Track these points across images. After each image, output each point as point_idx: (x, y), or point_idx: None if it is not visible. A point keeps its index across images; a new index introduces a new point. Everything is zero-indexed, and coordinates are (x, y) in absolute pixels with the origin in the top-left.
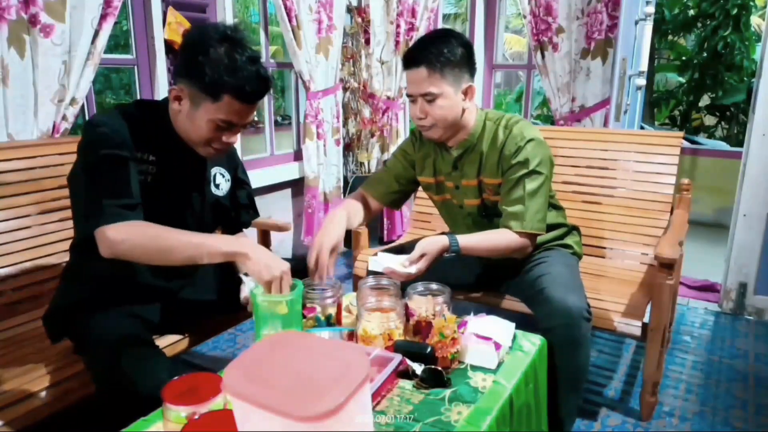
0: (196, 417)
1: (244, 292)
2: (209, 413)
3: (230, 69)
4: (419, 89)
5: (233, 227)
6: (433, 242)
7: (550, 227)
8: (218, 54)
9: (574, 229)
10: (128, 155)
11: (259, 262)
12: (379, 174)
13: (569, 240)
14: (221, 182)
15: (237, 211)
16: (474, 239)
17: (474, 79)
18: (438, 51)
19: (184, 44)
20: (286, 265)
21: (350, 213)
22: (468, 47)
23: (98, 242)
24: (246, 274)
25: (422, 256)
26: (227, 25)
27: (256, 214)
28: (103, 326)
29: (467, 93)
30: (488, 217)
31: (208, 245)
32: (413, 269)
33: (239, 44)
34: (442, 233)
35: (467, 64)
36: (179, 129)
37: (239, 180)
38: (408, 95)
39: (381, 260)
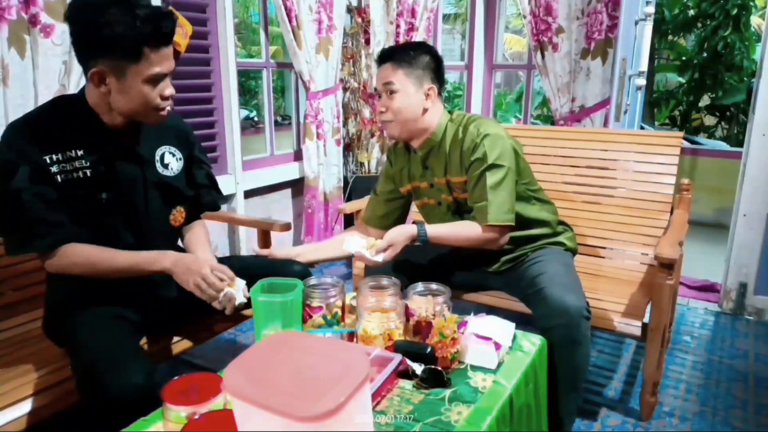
0: (197, 417)
1: (238, 299)
2: (209, 413)
3: (134, 23)
4: (382, 80)
5: (196, 209)
6: (401, 232)
7: (538, 222)
8: (116, 16)
9: (564, 224)
10: (28, 176)
11: (181, 273)
12: (370, 203)
13: (562, 237)
14: (170, 161)
15: (197, 191)
16: (442, 229)
17: (441, 87)
18: (405, 52)
19: (75, 24)
20: (204, 265)
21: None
22: (437, 59)
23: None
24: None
25: (390, 246)
26: None
27: (219, 194)
28: (84, 328)
29: (429, 94)
30: (462, 213)
31: (135, 270)
32: (380, 258)
33: None
34: (414, 222)
35: (433, 70)
36: (116, 107)
37: (195, 159)
38: (375, 90)
39: (353, 243)
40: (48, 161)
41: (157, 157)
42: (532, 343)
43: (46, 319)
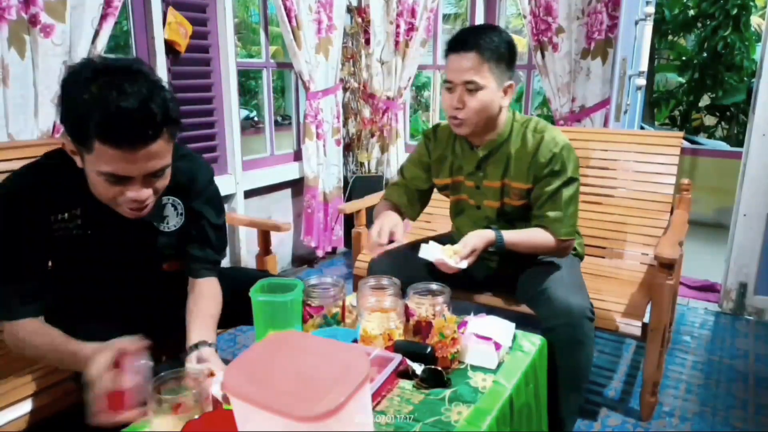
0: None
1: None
2: (209, 413)
3: (95, 110)
4: (463, 76)
5: (193, 265)
6: (481, 237)
7: None
8: (87, 94)
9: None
10: (26, 231)
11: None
12: (396, 186)
13: (576, 246)
14: (170, 215)
15: (191, 249)
16: (518, 236)
17: (514, 76)
18: (490, 40)
19: (61, 89)
20: (91, 372)
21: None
22: (513, 46)
23: None
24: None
25: (472, 251)
26: (119, 58)
27: (214, 252)
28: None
29: (507, 91)
30: (507, 221)
31: (66, 363)
32: (464, 264)
33: (119, 77)
34: (487, 227)
35: (512, 61)
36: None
37: (193, 211)
38: (446, 81)
39: (432, 250)
40: (52, 220)
41: (161, 211)
42: (532, 343)
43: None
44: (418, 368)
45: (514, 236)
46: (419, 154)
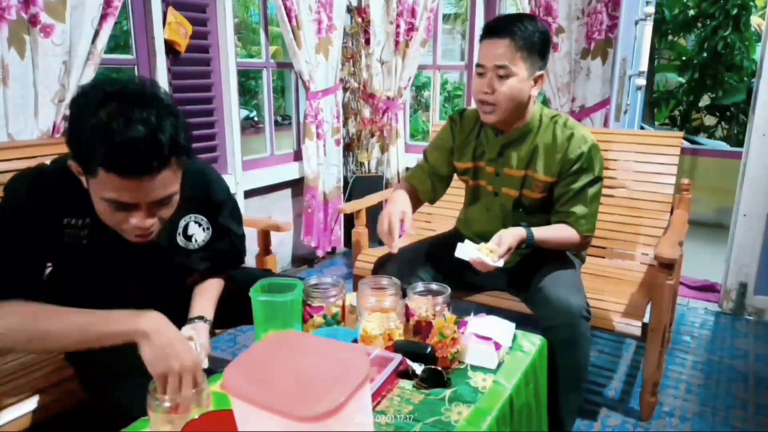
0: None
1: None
2: (209, 413)
3: (101, 136)
4: (495, 60)
5: (214, 272)
6: (515, 235)
7: None
8: (95, 119)
9: None
10: (27, 233)
11: (158, 349)
12: (418, 169)
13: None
14: (195, 232)
15: (215, 261)
16: (547, 233)
17: (546, 66)
18: (525, 27)
19: (70, 109)
20: (190, 360)
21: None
22: (548, 37)
23: None
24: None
25: (508, 249)
26: (132, 80)
27: (239, 262)
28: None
29: (537, 81)
30: (523, 212)
31: (98, 326)
32: (501, 263)
33: (131, 102)
34: (503, 219)
35: (544, 51)
36: None
37: (222, 227)
38: (478, 65)
39: (468, 249)
40: (65, 223)
41: (180, 229)
42: (532, 343)
43: None
44: (418, 368)
45: (543, 233)
46: (443, 138)
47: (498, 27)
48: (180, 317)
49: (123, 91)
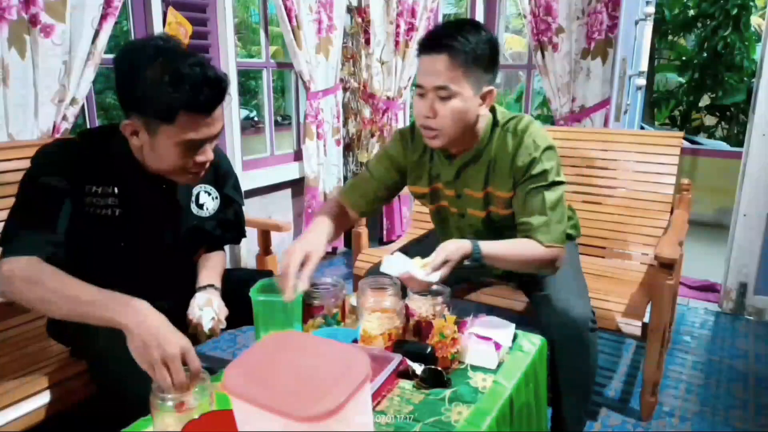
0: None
1: (196, 315)
2: (209, 413)
3: (174, 84)
4: (434, 80)
5: (218, 244)
6: (458, 247)
7: None
8: (155, 73)
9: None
10: (67, 189)
11: (139, 341)
12: (359, 182)
13: (570, 229)
14: (206, 201)
15: (222, 230)
16: (498, 247)
17: (495, 80)
18: (465, 40)
19: (118, 75)
20: (173, 347)
21: (330, 224)
22: (495, 43)
23: None
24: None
25: (445, 262)
26: (157, 38)
27: (241, 234)
28: (105, 344)
29: (486, 98)
30: (495, 230)
31: (88, 307)
32: (435, 277)
33: (175, 54)
34: (476, 237)
35: (492, 63)
36: (146, 162)
37: (227, 198)
38: (417, 86)
39: (396, 263)
40: (86, 190)
41: (193, 198)
42: (532, 343)
43: (50, 321)
44: (418, 368)
45: (494, 247)
46: (393, 153)
47: (434, 41)
48: (192, 286)
49: (163, 46)
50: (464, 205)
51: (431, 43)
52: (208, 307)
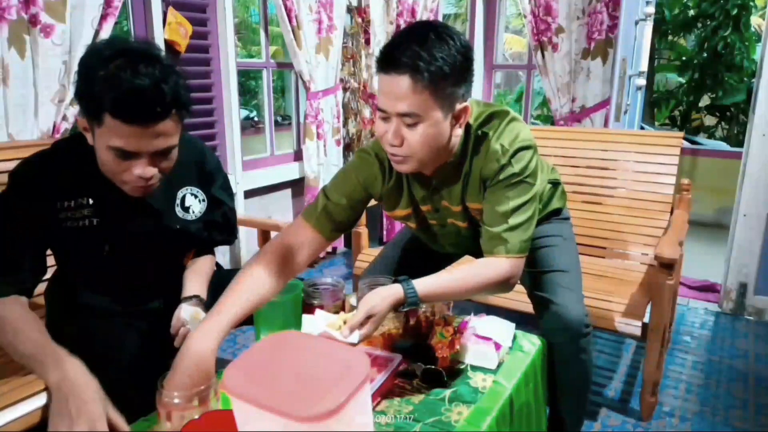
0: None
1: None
2: (210, 413)
3: (108, 85)
4: (397, 106)
5: (207, 247)
6: (383, 297)
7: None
8: (104, 71)
9: (554, 183)
10: (35, 215)
11: (55, 406)
12: (326, 208)
13: (556, 202)
14: (192, 204)
15: (209, 232)
16: (440, 282)
17: (470, 93)
18: (430, 55)
19: (78, 64)
20: (83, 427)
21: (257, 284)
22: (468, 51)
23: None
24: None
25: (369, 317)
26: (140, 41)
27: (232, 236)
28: (100, 350)
29: (460, 117)
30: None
31: (29, 360)
32: (355, 338)
33: (137, 59)
34: (395, 280)
35: (465, 74)
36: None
37: (215, 199)
38: (379, 110)
39: (315, 323)
40: (58, 207)
41: (178, 200)
42: (532, 343)
43: (49, 322)
44: (418, 368)
45: (434, 284)
46: (368, 181)
47: (395, 57)
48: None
49: (130, 48)
50: (444, 218)
51: (390, 61)
52: (195, 321)
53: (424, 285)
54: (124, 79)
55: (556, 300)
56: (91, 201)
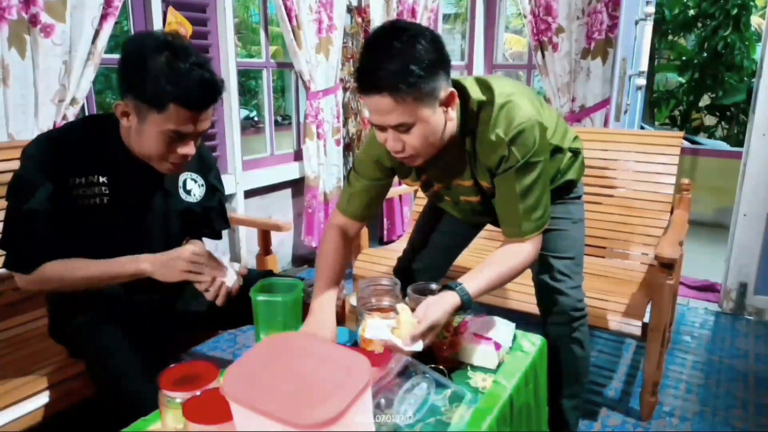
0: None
1: (229, 281)
2: (209, 390)
3: (171, 76)
4: (387, 120)
5: (203, 235)
6: (443, 308)
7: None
8: (158, 63)
9: (575, 152)
10: (49, 189)
11: (159, 270)
12: (355, 193)
13: (571, 173)
14: (193, 188)
15: (208, 219)
16: (484, 281)
17: (449, 73)
18: (402, 69)
19: (122, 58)
20: (185, 252)
21: (337, 270)
22: (436, 41)
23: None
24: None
25: (431, 328)
26: (167, 34)
27: (227, 224)
28: (103, 342)
29: (449, 103)
30: (494, 208)
31: (109, 276)
32: (419, 346)
33: (180, 51)
34: (444, 287)
35: (440, 64)
36: (132, 145)
37: (212, 186)
38: (373, 125)
39: (378, 330)
40: (70, 183)
41: (180, 184)
42: (532, 343)
43: (52, 323)
44: None
45: (480, 283)
46: (380, 158)
47: (369, 81)
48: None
49: (172, 42)
50: (456, 194)
51: (367, 86)
52: (231, 265)
53: (473, 287)
54: (186, 71)
55: (557, 285)
56: (103, 179)
